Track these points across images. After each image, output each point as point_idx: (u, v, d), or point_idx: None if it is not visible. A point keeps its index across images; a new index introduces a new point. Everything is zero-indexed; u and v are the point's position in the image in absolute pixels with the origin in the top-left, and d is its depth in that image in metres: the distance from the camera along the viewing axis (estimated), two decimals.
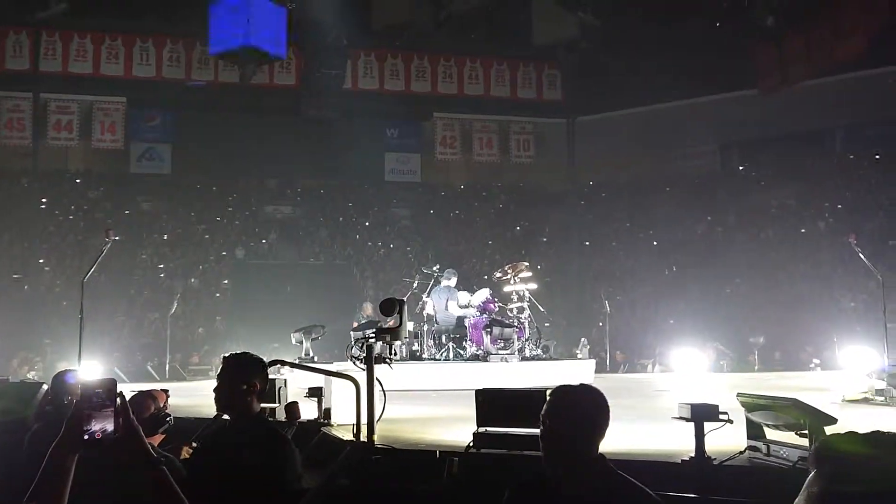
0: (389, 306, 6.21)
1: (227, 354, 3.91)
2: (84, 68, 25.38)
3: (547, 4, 20.25)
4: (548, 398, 2.92)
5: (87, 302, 9.25)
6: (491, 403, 5.64)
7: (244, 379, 3.67)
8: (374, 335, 6.16)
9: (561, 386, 2.96)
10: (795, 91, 24.35)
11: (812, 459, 2.20)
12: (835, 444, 2.18)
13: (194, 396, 9.26)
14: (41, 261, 22.42)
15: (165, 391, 5.86)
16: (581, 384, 2.98)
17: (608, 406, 2.85)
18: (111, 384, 2.10)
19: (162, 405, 5.50)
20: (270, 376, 4.76)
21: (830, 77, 24.06)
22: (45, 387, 5.91)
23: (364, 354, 5.94)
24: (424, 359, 13.65)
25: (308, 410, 6.95)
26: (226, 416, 3.80)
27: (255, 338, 17.14)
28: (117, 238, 10.67)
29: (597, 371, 14.60)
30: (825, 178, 24.82)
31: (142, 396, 5.29)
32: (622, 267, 25.20)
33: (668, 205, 25.82)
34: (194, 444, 4.77)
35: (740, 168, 27.95)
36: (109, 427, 2.06)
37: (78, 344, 9.02)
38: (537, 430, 2.86)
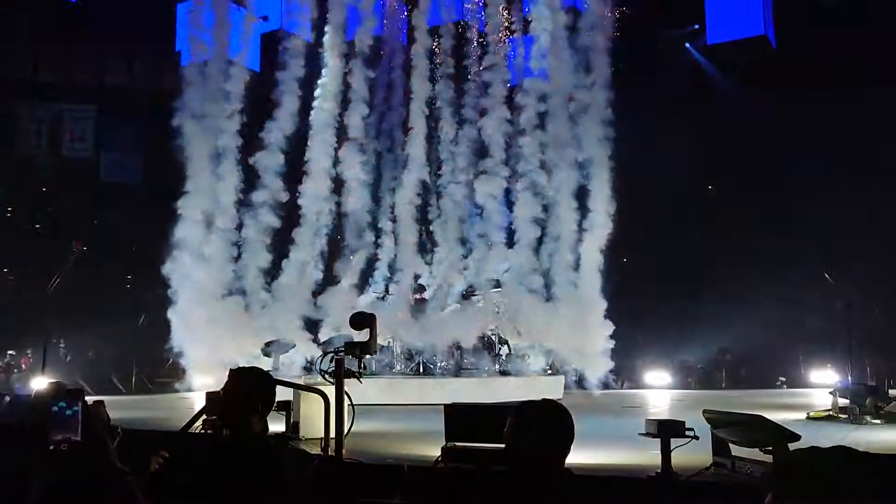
0: (360, 320, 6.19)
1: (233, 367, 3.76)
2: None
3: None
4: (510, 415, 2.93)
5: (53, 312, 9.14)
6: (460, 418, 5.64)
7: (247, 394, 3.53)
8: (343, 349, 6.14)
9: (523, 402, 2.97)
10: (764, 109, 24.70)
11: (771, 475, 2.22)
12: (795, 460, 2.20)
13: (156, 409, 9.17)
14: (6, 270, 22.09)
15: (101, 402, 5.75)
16: (543, 399, 2.98)
17: (572, 421, 2.86)
18: (76, 392, 2.08)
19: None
20: None
21: (802, 95, 24.45)
22: (6, 398, 5.83)
23: (333, 368, 5.91)
24: (395, 373, 13.63)
25: (276, 425, 6.90)
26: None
27: None
28: (85, 248, 10.58)
29: (566, 387, 14.65)
30: (794, 195, 25.14)
31: (97, 405, 5.21)
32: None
33: (635, 221, 25.98)
34: (165, 454, 4.70)
35: (709, 186, 28.22)
36: (75, 436, 2.03)
37: (42, 354, 8.89)
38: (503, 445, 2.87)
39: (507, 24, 17.01)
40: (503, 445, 2.90)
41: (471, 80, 16.77)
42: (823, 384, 15.25)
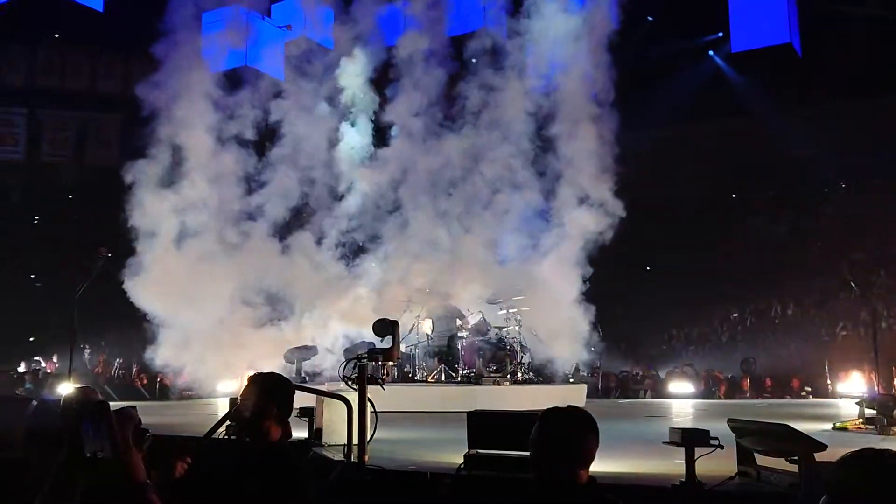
0: (383, 327, 6.21)
1: (253, 373, 3.72)
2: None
3: None
4: (536, 422, 2.92)
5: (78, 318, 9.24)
6: (482, 426, 5.63)
7: (266, 400, 3.48)
8: (366, 356, 6.15)
9: (549, 409, 2.96)
10: (788, 119, 24.52)
11: (829, 475, 2.17)
12: (852, 462, 2.17)
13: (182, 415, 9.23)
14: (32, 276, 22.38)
15: (133, 408, 5.81)
16: (569, 406, 2.98)
17: (597, 428, 2.85)
18: (103, 407, 2.11)
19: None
20: None
21: (827, 105, 24.24)
22: (34, 403, 5.90)
23: (356, 374, 5.94)
24: (417, 381, 13.64)
25: (299, 431, 6.92)
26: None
27: None
28: (110, 255, 10.67)
29: (589, 396, 14.59)
30: (817, 206, 24.95)
31: (129, 410, 5.25)
32: (616, 292, 25.20)
33: (659, 230, 25.89)
34: (189, 460, 4.73)
35: (733, 195, 28.03)
36: (106, 446, 2.07)
37: (69, 360, 8.99)
38: (528, 453, 2.87)
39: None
40: (527, 453, 2.90)
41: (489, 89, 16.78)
42: (850, 394, 15.05)
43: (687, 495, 4.76)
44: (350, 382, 6.12)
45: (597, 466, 2.81)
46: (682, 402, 16.63)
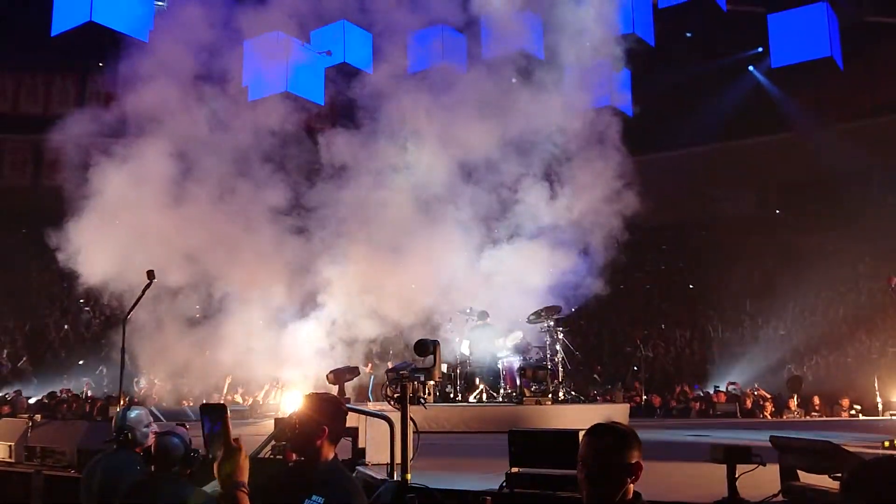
0: (424, 347, 6.28)
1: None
2: None
3: None
4: (583, 438, 2.97)
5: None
6: (524, 444, 5.67)
7: (319, 420, 3.49)
8: (408, 375, 6.22)
9: (595, 425, 3.01)
10: (832, 133, 24.24)
11: (844, 482, 2.15)
12: (872, 466, 2.13)
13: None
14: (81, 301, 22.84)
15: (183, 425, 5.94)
16: (612, 422, 3.03)
17: (641, 443, 2.90)
18: (222, 408, 2.37)
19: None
20: None
21: (868, 119, 23.96)
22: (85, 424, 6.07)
23: (399, 394, 6.00)
24: (458, 401, 13.68)
25: (342, 450, 7.00)
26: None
27: None
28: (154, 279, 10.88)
29: (632, 415, 14.49)
30: (864, 220, 24.53)
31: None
32: (657, 310, 25.04)
33: (704, 248, 25.71)
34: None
35: (777, 211, 27.75)
36: (219, 447, 2.32)
37: (119, 382, 9.19)
38: (570, 471, 2.92)
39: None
40: (569, 471, 2.95)
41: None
42: None
43: None
44: (392, 402, 6.20)
45: (640, 485, 2.85)
46: (726, 421, 16.43)
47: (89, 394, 18.82)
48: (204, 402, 2.93)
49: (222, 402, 17.16)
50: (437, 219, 16.44)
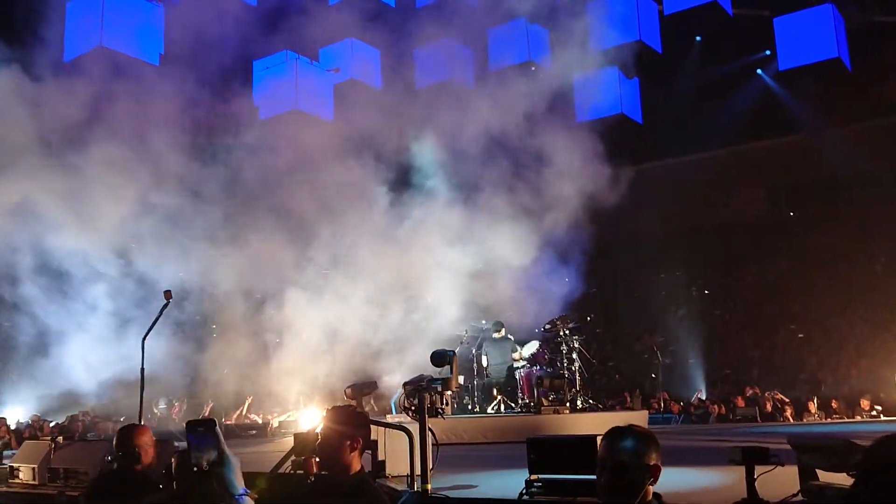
0: (441, 357, 6.32)
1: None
2: None
3: None
4: (600, 441, 3.02)
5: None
6: (542, 451, 5.68)
7: (345, 432, 3.50)
8: (425, 386, 6.26)
9: (612, 428, 3.06)
10: (842, 134, 24.16)
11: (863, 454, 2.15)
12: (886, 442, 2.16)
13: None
14: None
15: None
16: (630, 425, 3.07)
17: (659, 445, 2.94)
18: (211, 421, 2.43)
19: None
20: None
21: (880, 119, 23.87)
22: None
23: (416, 405, 6.05)
24: (476, 412, 13.69)
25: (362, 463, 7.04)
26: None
27: None
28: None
29: (651, 422, 14.45)
30: (877, 220, 24.43)
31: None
32: (674, 316, 24.98)
33: (717, 252, 25.65)
34: (254, 496, 4.85)
35: (790, 213, 27.64)
36: (213, 456, 2.37)
37: (139, 401, 9.27)
38: (590, 476, 2.96)
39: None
40: (588, 476, 3.00)
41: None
42: None
43: None
44: (410, 413, 6.25)
45: (660, 487, 2.89)
46: (746, 425, 16.36)
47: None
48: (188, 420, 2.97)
49: (236, 420, 17.35)
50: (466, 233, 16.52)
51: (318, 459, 3.75)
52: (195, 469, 2.36)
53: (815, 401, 18.17)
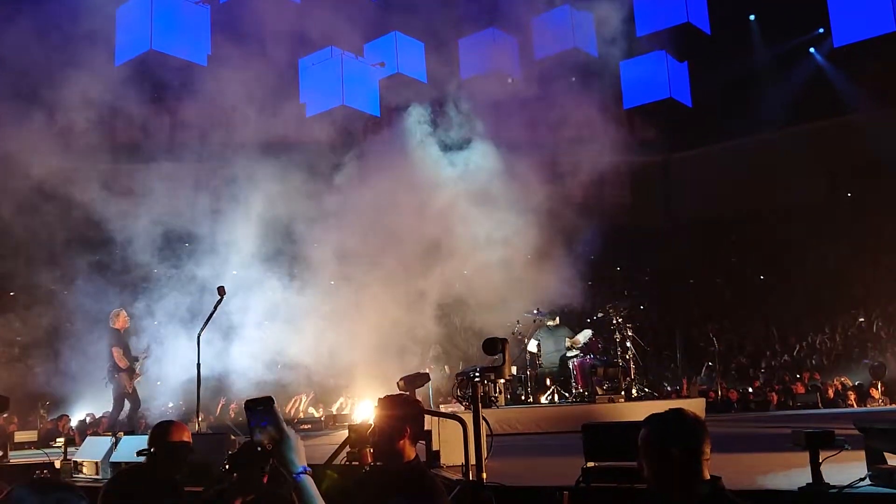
0: (493, 345, 6.27)
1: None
2: None
3: None
4: (642, 429, 2.96)
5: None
6: (598, 438, 5.61)
7: (399, 421, 3.50)
8: (478, 374, 6.22)
9: (651, 415, 3.00)
10: None
11: None
12: None
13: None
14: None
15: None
16: (670, 409, 3.00)
17: (704, 427, 2.87)
18: (269, 399, 2.42)
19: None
20: None
21: None
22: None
23: (470, 393, 6.02)
24: (530, 402, 13.62)
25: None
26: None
27: None
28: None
29: (708, 410, 14.20)
30: None
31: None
32: (730, 304, 24.52)
33: (775, 237, 25.12)
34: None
35: (849, 194, 26.90)
36: (273, 433, 2.37)
37: (196, 396, 9.39)
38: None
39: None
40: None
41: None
42: None
43: (814, 497, 4.62)
44: (464, 402, 6.22)
45: (722, 473, 2.82)
46: (808, 412, 16.02)
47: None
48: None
49: (300, 415, 17.50)
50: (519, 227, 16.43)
51: (372, 449, 3.73)
52: (259, 449, 2.37)
53: (880, 386, 17.66)
